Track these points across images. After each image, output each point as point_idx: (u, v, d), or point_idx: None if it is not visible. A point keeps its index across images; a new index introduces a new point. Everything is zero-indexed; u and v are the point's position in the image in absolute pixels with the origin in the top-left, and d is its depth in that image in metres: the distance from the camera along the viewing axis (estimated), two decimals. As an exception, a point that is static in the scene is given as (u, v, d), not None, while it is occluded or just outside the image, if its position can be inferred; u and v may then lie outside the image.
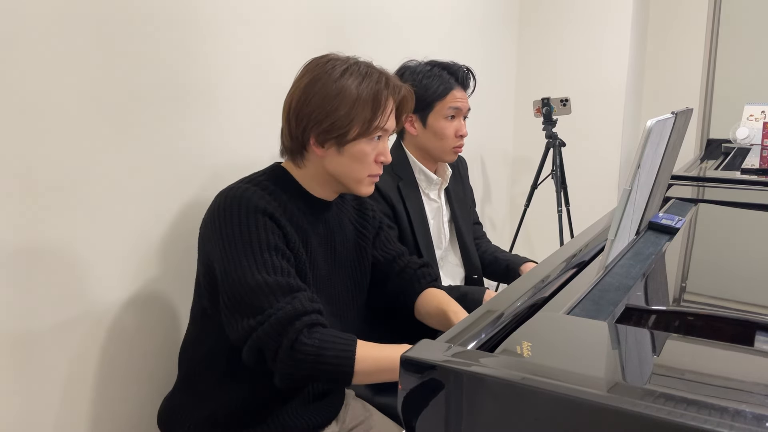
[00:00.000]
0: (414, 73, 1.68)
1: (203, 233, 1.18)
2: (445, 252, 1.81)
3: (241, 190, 1.15)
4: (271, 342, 1.06)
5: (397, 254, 1.44)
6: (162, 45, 1.34)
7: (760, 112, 3.10)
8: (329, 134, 1.16)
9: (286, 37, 1.70)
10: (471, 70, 1.74)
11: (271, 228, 1.12)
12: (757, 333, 0.89)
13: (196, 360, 1.25)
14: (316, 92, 1.15)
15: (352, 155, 1.19)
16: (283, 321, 1.06)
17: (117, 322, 1.31)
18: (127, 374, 1.35)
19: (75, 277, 1.22)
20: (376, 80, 1.17)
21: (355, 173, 1.21)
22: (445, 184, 1.79)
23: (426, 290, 1.43)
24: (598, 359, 0.78)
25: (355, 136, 1.17)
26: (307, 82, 1.17)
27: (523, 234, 3.21)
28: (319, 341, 1.07)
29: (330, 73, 1.15)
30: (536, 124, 3.03)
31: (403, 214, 1.67)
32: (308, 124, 1.16)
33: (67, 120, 1.17)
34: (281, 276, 1.10)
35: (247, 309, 1.09)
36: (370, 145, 1.19)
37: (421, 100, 1.66)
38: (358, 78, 1.16)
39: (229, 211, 1.12)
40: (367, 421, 1.39)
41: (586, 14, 3.21)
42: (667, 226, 1.38)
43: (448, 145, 1.69)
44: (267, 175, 1.22)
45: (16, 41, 1.07)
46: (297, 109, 1.17)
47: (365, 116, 1.16)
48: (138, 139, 1.31)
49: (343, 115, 1.14)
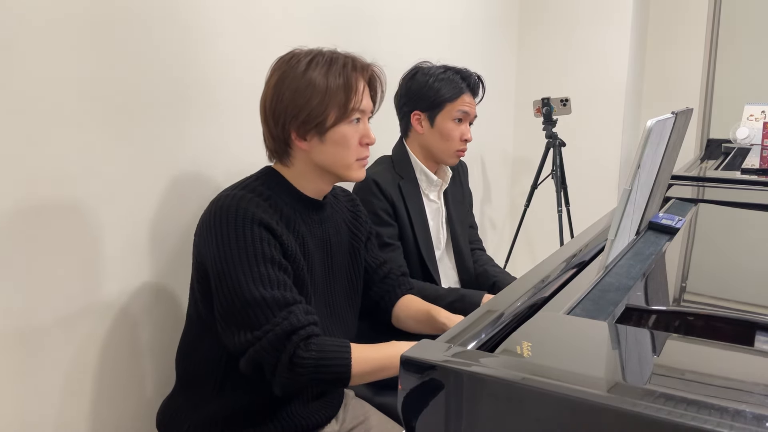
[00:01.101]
0: (427, 74, 1.71)
1: (198, 241, 1.18)
2: (441, 253, 1.82)
3: (237, 198, 1.14)
4: (269, 357, 1.08)
5: (382, 261, 1.48)
6: (162, 45, 1.34)
7: (760, 112, 3.10)
8: (308, 125, 1.17)
9: (287, 37, 1.70)
10: (481, 78, 1.77)
11: (267, 239, 1.12)
12: (757, 333, 0.89)
13: (194, 364, 1.25)
14: (286, 88, 1.16)
15: (335, 141, 1.19)
16: (281, 336, 1.08)
17: (116, 323, 1.31)
18: (127, 376, 1.35)
19: (75, 277, 1.22)
20: (343, 64, 1.18)
21: (343, 159, 1.21)
22: (445, 185, 1.80)
23: (403, 297, 1.47)
24: (598, 359, 0.78)
25: (333, 121, 1.18)
26: (276, 81, 1.18)
27: (523, 234, 3.21)
28: (316, 352, 1.09)
29: (296, 67, 1.17)
30: (536, 124, 3.03)
31: (404, 213, 1.68)
32: (286, 120, 1.17)
33: (67, 120, 1.17)
34: (277, 290, 1.10)
35: (244, 322, 1.09)
36: (351, 128, 1.20)
37: (431, 100, 1.69)
38: (324, 66, 1.17)
39: (225, 220, 1.12)
40: (367, 421, 1.39)
41: (586, 14, 3.21)
42: (667, 226, 1.38)
43: (452, 148, 1.72)
44: (261, 179, 1.22)
45: (16, 41, 1.07)
46: (272, 108, 1.18)
47: (339, 100, 1.17)
48: (137, 138, 1.31)
49: (317, 103, 1.15)
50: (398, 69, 2.27)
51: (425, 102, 1.70)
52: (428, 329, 1.39)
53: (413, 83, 1.72)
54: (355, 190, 1.68)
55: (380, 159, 1.79)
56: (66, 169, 1.18)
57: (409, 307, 1.45)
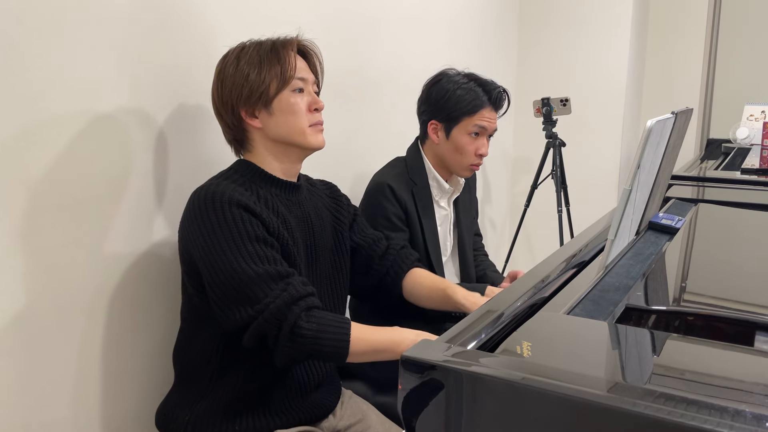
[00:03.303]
0: (450, 81, 1.69)
1: (182, 234, 1.21)
2: (447, 260, 1.83)
3: (213, 186, 1.18)
4: (272, 327, 1.11)
5: (376, 237, 1.49)
6: (162, 46, 1.34)
7: (760, 112, 3.10)
8: (252, 98, 1.22)
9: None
10: (507, 92, 1.74)
11: (248, 219, 1.15)
12: (757, 333, 0.89)
13: (190, 359, 1.27)
14: (225, 76, 1.24)
15: (283, 110, 1.24)
16: (282, 307, 1.11)
17: (115, 323, 1.31)
18: (126, 376, 1.35)
19: (74, 277, 1.22)
20: (271, 42, 1.25)
21: (295, 126, 1.25)
22: (457, 193, 1.80)
23: (412, 270, 1.48)
24: (598, 359, 0.78)
25: (275, 90, 1.23)
26: (217, 73, 1.26)
27: (523, 234, 3.21)
28: (317, 324, 1.12)
29: (229, 57, 1.25)
30: (536, 124, 3.03)
31: (416, 219, 1.68)
32: (232, 102, 1.23)
33: (67, 119, 1.17)
34: (269, 264, 1.14)
35: (243, 299, 1.12)
36: (295, 96, 1.24)
37: (449, 111, 1.67)
38: (254, 47, 1.24)
39: (204, 208, 1.15)
40: (365, 419, 1.39)
41: (586, 14, 3.21)
42: (667, 226, 1.38)
43: (466, 161, 1.70)
44: (234, 169, 1.27)
45: (17, 40, 1.07)
46: (219, 97, 1.25)
47: (275, 71, 1.22)
48: (137, 138, 1.31)
49: (255, 76, 1.21)
50: (398, 69, 2.28)
51: (443, 113, 1.68)
52: (443, 307, 1.42)
53: (434, 91, 1.70)
54: (370, 192, 1.68)
55: (395, 162, 1.78)
56: (67, 169, 1.18)
57: (421, 283, 1.45)
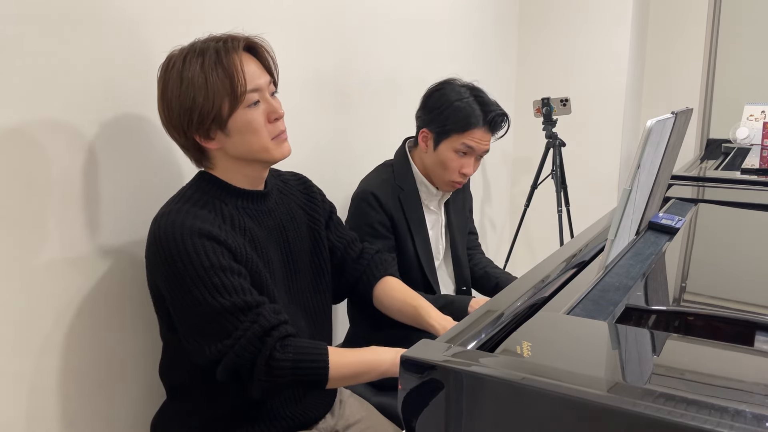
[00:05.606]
0: (452, 91, 1.65)
1: (147, 265, 1.15)
2: (440, 263, 1.81)
3: (172, 215, 1.11)
4: (245, 362, 1.07)
5: (351, 238, 1.43)
6: (161, 46, 1.34)
7: (760, 112, 3.10)
8: (205, 124, 1.11)
9: (287, 38, 1.70)
10: (507, 116, 1.70)
11: (212, 248, 1.08)
12: (757, 333, 0.89)
13: (179, 377, 1.24)
14: (171, 96, 1.12)
15: (240, 130, 1.13)
16: (253, 340, 1.07)
17: (114, 325, 1.31)
18: (121, 386, 1.34)
19: (73, 278, 1.21)
20: (214, 51, 1.11)
21: (256, 144, 1.15)
22: (447, 196, 1.79)
23: (384, 278, 1.42)
24: (598, 359, 0.78)
25: (228, 111, 1.11)
26: (161, 91, 1.14)
27: (523, 234, 3.21)
28: (293, 354, 1.08)
29: (172, 71, 1.12)
30: (536, 124, 3.03)
31: (404, 225, 1.66)
32: (183, 127, 1.13)
33: (67, 120, 1.17)
34: (237, 295, 1.08)
35: (212, 335, 1.07)
36: (251, 112, 1.13)
37: (442, 124, 1.64)
38: (197, 60, 1.10)
39: (165, 241, 1.08)
40: (364, 420, 1.39)
41: (586, 14, 3.21)
42: (667, 226, 1.38)
43: (448, 177, 1.67)
44: (194, 186, 1.19)
45: (16, 41, 1.07)
46: (167, 120, 1.15)
47: (225, 89, 1.10)
48: (136, 138, 1.31)
49: (203, 100, 1.10)
50: (397, 69, 2.28)
51: (435, 124, 1.65)
52: (413, 324, 1.35)
53: (432, 100, 1.67)
54: (355, 200, 1.67)
55: (381, 167, 1.76)
56: (66, 169, 1.18)
57: (392, 296, 1.39)
